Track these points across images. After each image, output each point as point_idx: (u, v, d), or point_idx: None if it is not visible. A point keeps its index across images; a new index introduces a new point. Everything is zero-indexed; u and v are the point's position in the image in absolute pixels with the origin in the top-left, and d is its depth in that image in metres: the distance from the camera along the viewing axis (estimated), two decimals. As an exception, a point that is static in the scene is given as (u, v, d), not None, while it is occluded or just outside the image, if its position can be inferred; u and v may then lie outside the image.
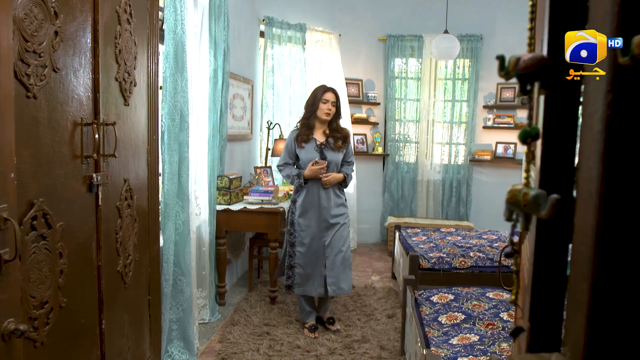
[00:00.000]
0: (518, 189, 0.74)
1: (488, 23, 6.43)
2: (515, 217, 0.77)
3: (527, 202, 0.72)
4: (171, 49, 3.05)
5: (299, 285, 3.76)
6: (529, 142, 0.76)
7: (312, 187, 3.71)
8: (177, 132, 3.14)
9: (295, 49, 5.91)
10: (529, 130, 0.77)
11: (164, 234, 3.07)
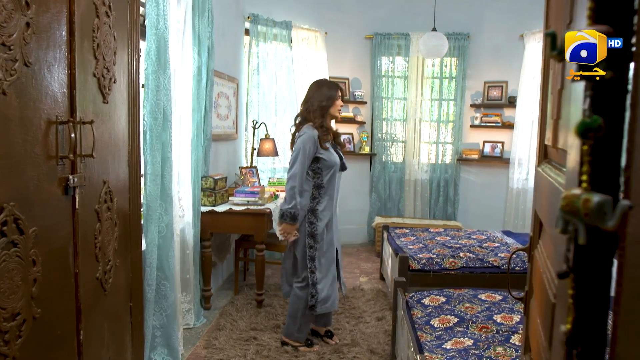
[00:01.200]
0: (576, 194, 0.60)
1: (475, 21, 6.39)
2: (572, 229, 0.62)
3: (589, 211, 0.58)
4: (153, 45, 2.94)
5: (323, 302, 3.36)
6: (590, 136, 0.61)
7: (330, 193, 3.36)
8: (159, 132, 3.02)
9: (281, 47, 5.82)
10: (590, 121, 0.62)
11: (147, 237, 2.96)
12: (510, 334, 2.63)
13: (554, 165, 0.92)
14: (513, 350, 2.44)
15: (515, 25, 6.23)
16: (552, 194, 0.80)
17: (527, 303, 1.11)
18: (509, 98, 6.37)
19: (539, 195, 1.06)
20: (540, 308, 0.84)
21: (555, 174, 0.84)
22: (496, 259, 4.08)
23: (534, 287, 1.03)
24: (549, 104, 0.98)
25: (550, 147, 0.97)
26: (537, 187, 1.09)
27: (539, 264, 0.97)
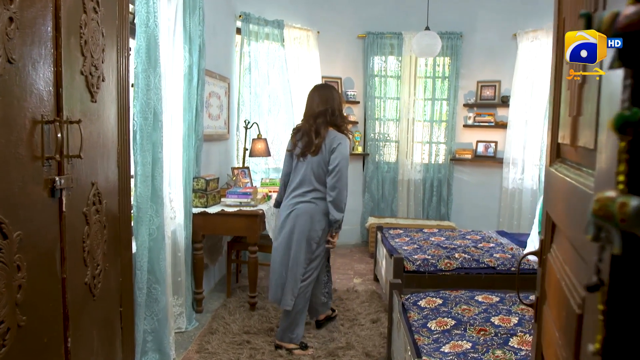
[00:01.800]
0: (611, 197, 0.52)
1: (468, 21, 6.36)
2: (605, 236, 0.54)
3: (626, 216, 0.51)
4: (143, 43, 2.87)
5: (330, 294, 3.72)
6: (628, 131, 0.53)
7: None
8: (150, 132, 2.95)
9: (273, 46, 5.76)
10: (629, 114, 0.53)
11: (137, 240, 2.89)
12: (508, 336, 2.59)
13: (570, 165, 0.87)
14: (512, 353, 2.39)
15: (508, 24, 6.21)
16: (571, 196, 0.75)
17: (538, 309, 1.06)
18: (502, 97, 6.35)
19: (551, 197, 1.01)
20: (559, 318, 0.79)
21: (575, 175, 0.79)
22: (492, 260, 4.05)
23: (548, 293, 0.98)
24: (562, 100, 0.94)
25: (566, 145, 0.92)
26: (550, 188, 1.04)
27: (553, 269, 0.92)
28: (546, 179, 1.09)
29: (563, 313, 0.74)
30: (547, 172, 1.07)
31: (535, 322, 1.08)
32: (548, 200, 1.06)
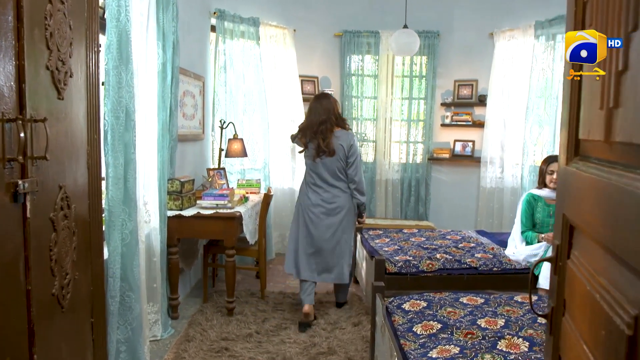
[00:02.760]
0: None
1: (445, 19, 6.33)
2: None
3: None
4: (114, 38, 2.73)
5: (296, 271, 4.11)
6: None
7: None
8: (122, 132, 2.81)
9: (248, 45, 5.63)
10: None
11: (109, 245, 2.75)
12: (496, 339, 2.53)
13: (601, 163, 0.79)
14: (501, 357, 2.33)
15: (484, 23, 6.20)
16: (610, 198, 0.67)
17: (553, 321, 0.98)
18: (479, 97, 6.34)
19: (572, 198, 0.93)
20: (595, 335, 0.71)
21: (615, 174, 0.70)
22: (473, 260, 4.00)
23: (571, 304, 0.90)
24: (583, 93, 0.86)
25: (592, 142, 0.84)
26: (568, 189, 0.96)
27: (578, 277, 0.84)
28: (562, 179, 1.00)
29: (601, 331, 0.67)
30: (563, 172, 0.99)
31: (550, 335, 1.01)
32: (565, 202, 0.98)
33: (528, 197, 4.13)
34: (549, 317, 1.00)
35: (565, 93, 1.06)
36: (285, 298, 4.47)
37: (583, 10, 0.94)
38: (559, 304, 0.95)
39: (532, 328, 2.69)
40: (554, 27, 5.59)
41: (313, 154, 3.94)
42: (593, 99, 0.82)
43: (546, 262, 3.73)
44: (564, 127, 1.00)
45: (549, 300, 1.04)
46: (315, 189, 4.01)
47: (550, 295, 1.05)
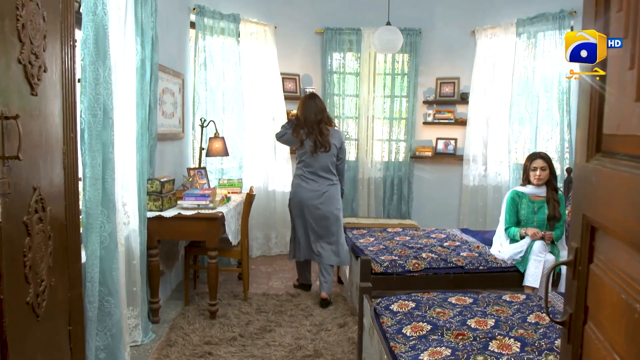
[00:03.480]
0: None
1: (427, 17, 6.31)
2: None
3: None
4: (91, 32, 2.61)
5: (296, 254, 4.59)
6: None
7: None
8: (99, 130, 2.70)
9: (228, 42, 5.52)
10: None
11: (87, 248, 2.63)
12: (487, 340, 2.49)
13: (634, 159, 0.73)
14: (493, 358, 2.29)
15: (466, 21, 6.19)
16: None
17: (572, 328, 0.92)
18: (461, 94, 6.32)
19: (594, 197, 0.87)
20: (632, 346, 0.65)
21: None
22: (459, 259, 3.97)
23: (598, 312, 0.84)
24: (609, 87, 0.80)
25: (621, 137, 0.78)
26: (589, 187, 0.90)
27: (606, 283, 0.79)
28: (580, 177, 0.94)
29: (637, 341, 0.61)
30: (581, 170, 0.93)
31: (568, 343, 0.95)
32: (584, 202, 0.92)
33: (512, 194, 4.12)
34: (566, 324, 0.94)
35: (583, 88, 0.99)
36: (269, 300, 4.38)
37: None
38: (579, 311, 0.89)
39: (522, 328, 2.66)
40: (535, 25, 5.60)
41: (311, 149, 4.31)
42: (625, 92, 0.76)
43: (532, 260, 3.72)
44: (582, 123, 0.94)
45: (566, 306, 0.98)
46: (310, 180, 4.40)
47: (566, 301, 0.99)
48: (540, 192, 4.02)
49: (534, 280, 3.71)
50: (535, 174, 3.98)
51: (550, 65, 5.51)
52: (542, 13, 5.51)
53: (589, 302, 0.87)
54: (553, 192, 4.00)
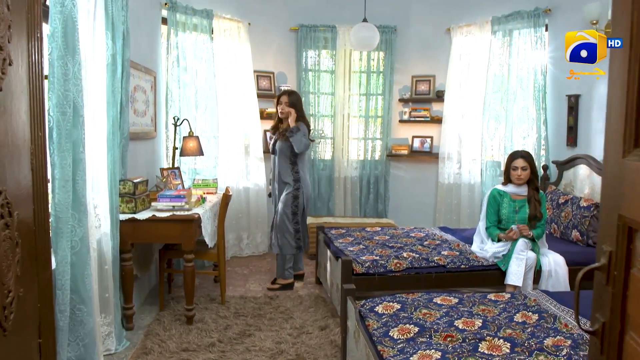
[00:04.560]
0: None
1: (402, 14, 6.27)
2: None
3: None
4: (59, 25, 2.47)
5: (305, 245, 4.81)
6: None
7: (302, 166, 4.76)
8: (69, 129, 2.55)
9: (201, 38, 5.37)
10: None
11: (57, 254, 2.49)
12: (476, 341, 2.43)
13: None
14: None
15: (441, 18, 6.18)
16: None
17: (605, 338, 0.86)
18: (437, 92, 6.31)
19: (633, 196, 0.80)
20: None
21: None
22: (441, 258, 3.93)
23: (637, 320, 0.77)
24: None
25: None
26: (627, 185, 0.83)
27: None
28: (615, 174, 0.87)
29: None
30: (617, 167, 0.86)
31: (601, 354, 0.88)
32: (620, 201, 0.85)
33: (494, 192, 4.10)
34: (598, 333, 0.87)
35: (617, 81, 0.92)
36: (247, 303, 4.27)
37: None
38: (614, 320, 0.83)
39: (510, 327, 2.62)
40: (510, 22, 5.61)
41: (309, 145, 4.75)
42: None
43: (514, 258, 3.70)
44: (617, 117, 0.87)
45: (596, 314, 0.92)
46: None
47: (596, 308, 0.92)
48: (522, 191, 4.01)
49: (517, 278, 3.69)
50: (516, 174, 3.97)
51: (525, 62, 5.53)
52: (517, 11, 5.53)
53: (631, 310, 0.81)
54: (534, 192, 3.99)
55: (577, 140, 5.03)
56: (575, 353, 2.32)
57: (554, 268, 3.87)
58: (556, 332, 2.56)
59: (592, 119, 4.80)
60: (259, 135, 5.95)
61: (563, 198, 4.67)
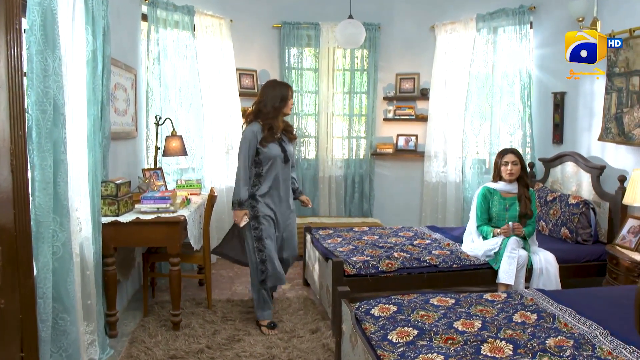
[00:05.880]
0: None
1: (386, 11, 6.21)
2: None
3: None
4: (37, 18, 2.32)
5: (273, 277, 3.72)
6: None
7: (269, 181, 3.73)
8: (49, 128, 2.41)
9: (183, 35, 5.22)
10: None
11: (38, 261, 2.34)
12: (478, 343, 2.37)
13: None
14: (489, 363, 2.17)
15: (425, 16, 6.13)
16: None
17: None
18: (421, 90, 6.26)
19: None
20: None
21: None
22: (432, 258, 3.87)
23: None
24: None
25: None
26: None
27: None
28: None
29: None
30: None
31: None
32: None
33: (484, 190, 4.06)
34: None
35: None
36: (234, 306, 4.15)
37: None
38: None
39: (510, 328, 2.57)
40: (495, 20, 5.60)
41: None
42: None
43: (506, 257, 3.67)
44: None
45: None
46: None
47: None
48: (512, 189, 3.98)
49: (509, 277, 3.65)
50: (506, 169, 3.94)
51: (510, 60, 5.52)
52: (501, 8, 5.51)
53: None
54: (524, 189, 3.96)
55: (562, 137, 5.03)
56: (579, 353, 2.27)
57: (545, 266, 3.84)
58: (557, 332, 2.52)
59: (578, 117, 4.80)
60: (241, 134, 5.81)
61: (551, 195, 4.65)
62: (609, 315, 2.73)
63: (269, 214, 3.70)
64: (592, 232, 4.26)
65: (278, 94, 3.72)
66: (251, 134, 3.67)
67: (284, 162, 3.78)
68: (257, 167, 3.71)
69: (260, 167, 3.70)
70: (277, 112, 3.73)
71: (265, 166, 3.70)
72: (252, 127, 3.71)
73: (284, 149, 3.78)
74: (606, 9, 4.21)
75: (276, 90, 3.74)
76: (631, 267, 3.53)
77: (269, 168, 3.70)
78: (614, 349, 2.32)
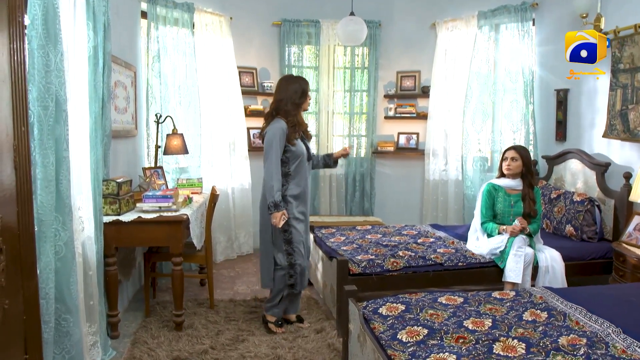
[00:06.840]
0: None
1: (386, 9, 6.16)
2: None
3: None
4: (39, 12, 2.27)
5: (301, 283, 3.60)
6: None
7: (298, 181, 3.56)
8: (51, 124, 2.36)
9: (182, 33, 5.16)
10: None
11: (40, 261, 2.28)
12: (490, 342, 2.33)
13: None
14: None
15: (426, 13, 6.09)
16: None
17: None
18: (422, 88, 6.22)
19: None
20: None
21: None
22: (437, 256, 3.83)
23: None
24: None
25: None
26: None
27: None
28: None
29: None
30: None
31: None
32: None
33: (488, 187, 4.03)
34: None
35: None
36: (237, 306, 4.10)
37: None
38: None
39: (521, 327, 2.53)
40: (497, 17, 5.56)
41: None
42: None
43: (512, 255, 3.63)
44: None
45: None
46: None
47: None
48: (517, 185, 3.95)
49: (515, 275, 3.62)
50: (505, 164, 3.95)
51: (512, 57, 5.48)
52: (503, 5, 5.48)
53: None
54: (529, 190, 3.93)
55: (566, 135, 5.00)
56: (593, 352, 2.23)
57: (551, 264, 3.81)
58: (569, 331, 2.48)
59: (582, 114, 4.77)
60: (244, 133, 5.78)
61: (555, 193, 4.62)
62: (620, 313, 2.70)
63: (298, 217, 3.56)
64: (597, 230, 4.22)
65: (298, 88, 3.56)
66: (280, 131, 3.44)
67: (308, 161, 3.65)
68: (284, 166, 3.50)
69: (287, 166, 3.51)
70: (298, 108, 3.57)
71: (292, 165, 3.51)
72: (278, 123, 3.48)
73: (307, 147, 3.66)
74: (610, 4, 4.19)
75: (295, 85, 3.57)
76: (638, 265, 3.50)
77: (297, 167, 3.53)
78: (627, 346, 2.29)
